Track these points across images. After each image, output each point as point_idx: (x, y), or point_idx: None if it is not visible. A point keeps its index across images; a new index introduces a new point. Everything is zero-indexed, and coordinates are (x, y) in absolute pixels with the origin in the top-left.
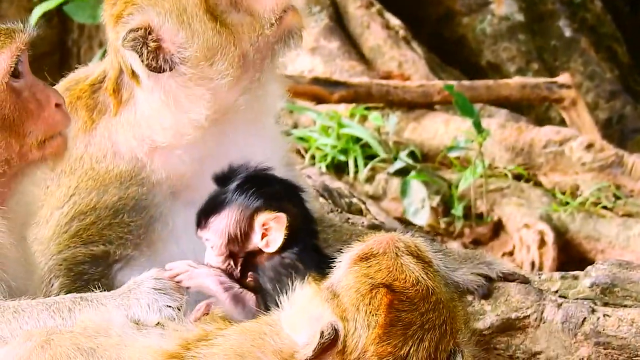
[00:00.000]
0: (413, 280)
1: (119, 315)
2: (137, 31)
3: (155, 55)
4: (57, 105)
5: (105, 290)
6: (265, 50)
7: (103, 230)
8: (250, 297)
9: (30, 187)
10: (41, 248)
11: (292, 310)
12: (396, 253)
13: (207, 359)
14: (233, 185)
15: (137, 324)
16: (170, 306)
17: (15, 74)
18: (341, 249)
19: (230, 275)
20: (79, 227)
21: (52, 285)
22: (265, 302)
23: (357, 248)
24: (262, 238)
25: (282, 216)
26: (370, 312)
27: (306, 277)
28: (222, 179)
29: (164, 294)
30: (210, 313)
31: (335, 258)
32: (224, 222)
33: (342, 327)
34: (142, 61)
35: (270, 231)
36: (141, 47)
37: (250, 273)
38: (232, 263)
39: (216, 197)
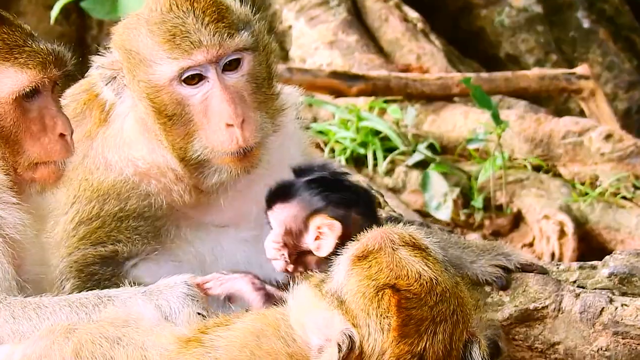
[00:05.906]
0: (415, 275)
1: (151, 311)
2: None
3: None
4: (61, 135)
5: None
6: None
7: (111, 233)
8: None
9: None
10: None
11: (298, 311)
12: (392, 247)
13: (224, 340)
14: (304, 180)
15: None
16: (200, 314)
17: (30, 94)
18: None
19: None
20: (86, 230)
21: (64, 287)
22: None
23: (352, 247)
24: (315, 240)
25: (337, 225)
26: (381, 316)
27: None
28: (299, 171)
29: (195, 300)
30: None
31: None
32: (285, 213)
33: (356, 333)
34: None
35: (324, 236)
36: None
37: (300, 269)
38: (285, 254)
39: (288, 186)
